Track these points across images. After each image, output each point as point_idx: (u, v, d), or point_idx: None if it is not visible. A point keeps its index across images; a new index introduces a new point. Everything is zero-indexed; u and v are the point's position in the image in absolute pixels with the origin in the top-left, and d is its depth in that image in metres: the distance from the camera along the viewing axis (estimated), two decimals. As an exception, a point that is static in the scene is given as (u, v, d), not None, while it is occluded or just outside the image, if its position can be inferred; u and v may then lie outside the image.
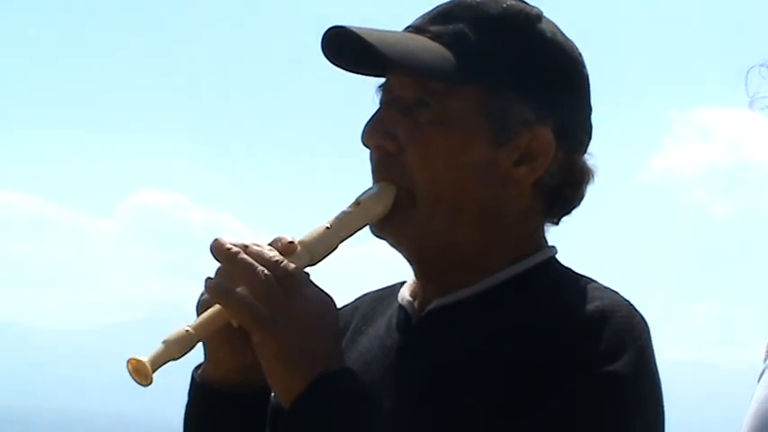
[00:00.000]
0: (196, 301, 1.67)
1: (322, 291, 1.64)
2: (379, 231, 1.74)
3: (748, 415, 1.57)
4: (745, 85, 1.67)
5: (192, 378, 1.76)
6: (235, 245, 1.61)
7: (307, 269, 1.66)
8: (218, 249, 1.61)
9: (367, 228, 1.74)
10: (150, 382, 1.60)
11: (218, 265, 1.64)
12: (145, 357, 1.60)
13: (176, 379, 1.89)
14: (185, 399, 1.79)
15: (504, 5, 1.74)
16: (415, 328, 1.75)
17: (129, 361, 1.61)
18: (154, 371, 1.59)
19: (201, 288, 1.65)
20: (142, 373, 1.59)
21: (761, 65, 1.66)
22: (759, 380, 1.60)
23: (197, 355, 1.71)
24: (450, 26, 1.71)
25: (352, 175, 1.89)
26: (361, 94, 1.81)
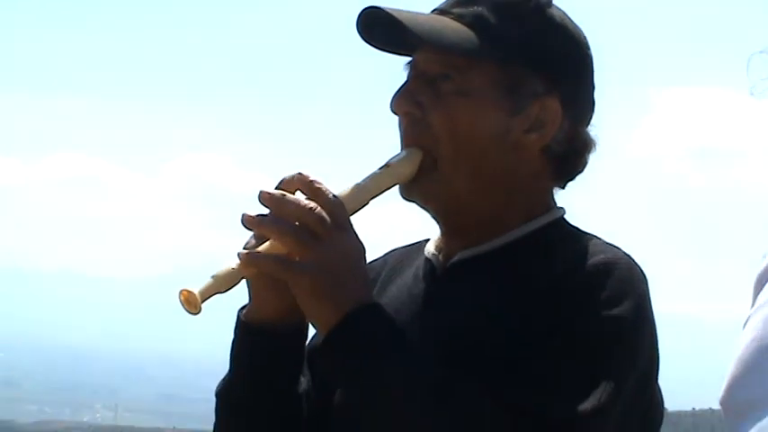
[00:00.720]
0: (242, 247, 1.79)
1: (355, 237, 1.78)
2: (408, 194, 1.91)
3: (732, 360, 1.59)
4: (747, 71, 1.65)
5: (238, 318, 1.90)
6: (276, 193, 1.75)
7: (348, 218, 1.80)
8: (263, 196, 1.73)
9: (395, 189, 1.90)
10: (199, 311, 1.72)
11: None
12: (195, 289, 1.72)
13: (222, 320, 1.96)
14: (231, 337, 1.92)
15: None
16: (440, 278, 1.93)
17: (180, 292, 1.72)
18: (203, 301, 1.71)
19: (241, 240, 1.81)
20: (192, 303, 1.71)
21: (761, 51, 1.65)
22: (744, 326, 1.62)
23: (241, 297, 1.85)
24: (471, 9, 1.88)
25: (382, 142, 2.01)
26: (392, 69, 1.96)
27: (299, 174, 1.76)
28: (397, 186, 1.88)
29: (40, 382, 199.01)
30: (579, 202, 1.91)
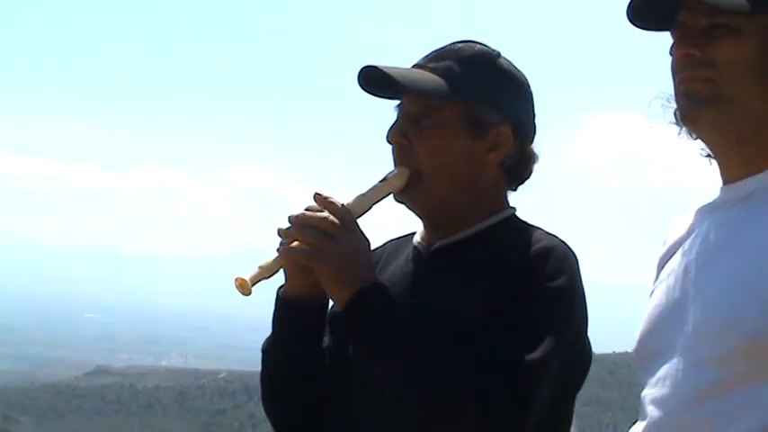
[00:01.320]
0: (278, 245, 1.96)
1: (361, 234, 1.96)
2: (400, 198, 2.06)
3: (641, 320, 1.85)
4: (648, 110, 1.80)
5: (277, 294, 2.07)
6: (300, 212, 1.96)
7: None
8: (296, 215, 1.94)
9: (390, 196, 2.06)
10: (250, 293, 1.94)
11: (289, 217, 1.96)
12: (246, 276, 1.95)
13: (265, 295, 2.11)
14: (272, 308, 2.07)
15: (476, 49, 2.07)
16: (425, 261, 2.08)
17: (236, 279, 1.94)
18: (253, 285, 1.95)
19: (273, 231, 1.96)
20: (245, 287, 1.95)
21: (656, 96, 1.79)
22: (650, 295, 1.85)
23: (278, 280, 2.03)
24: (442, 63, 2.02)
25: (378, 164, 2.10)
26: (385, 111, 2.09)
27: (317, 193, 1.93)
28: (392, 195, 2.06)
29: (130, 336, 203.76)
30: (528, 202, 2.10)
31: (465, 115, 2.02)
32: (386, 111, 2.13)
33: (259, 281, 1.97)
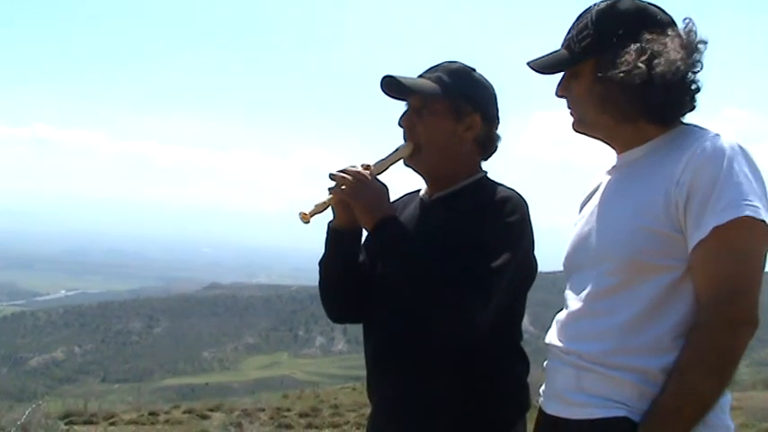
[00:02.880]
0: (328, 189, 1.99)
1: (382, 183, 1.98)
2: (408, 162, 2.06)
3: (568, 243, 1.86)
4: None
5: (327, 226, 2.08)
6: (347, 168, 1.99)
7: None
8: (341, 169, 1.97)
9: (400, 162, 2.07)
10: (308, 222, 1.95)
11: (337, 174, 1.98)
12: (306, 210, 1.96)
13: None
14: (324, 236, 2.11)
15: (458, 65, 2.08)
16: (427, 207, 2.09)
17: (299, 213, 1.95)
18: (311, 216, 1.96)
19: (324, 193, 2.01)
20: (305, 218, 1.96)
21: None
22: (574, 225, 1.87)
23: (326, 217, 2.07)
24: (435, 74, 2.05)
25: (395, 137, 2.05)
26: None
27: (352, 165, 1.98)
28: (402, 160, 2.06)
29: (233, 263, 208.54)
30: (497, 169, 2.06)
31: (450, 107, 2.04)
32: (395, 107, 2.14)
33: (315, 213, 1.99)
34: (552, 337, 1.81)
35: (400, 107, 2.13)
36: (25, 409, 10.97)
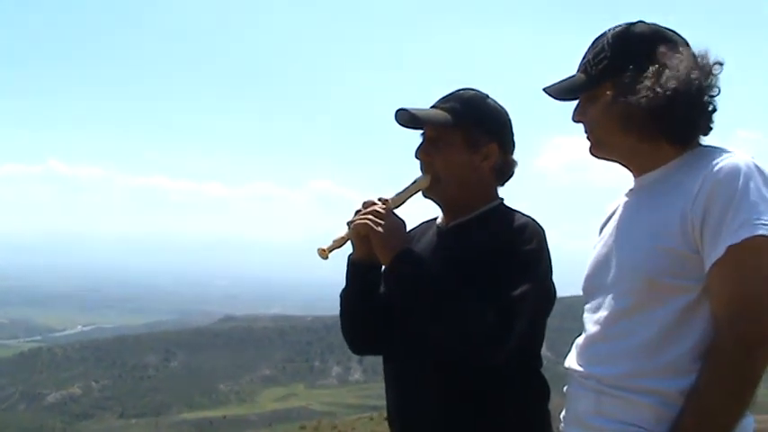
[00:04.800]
0: (346, 223, 2.01)
1: (399, 218, 1.99)
2: (428, 194, 2.07)
3: (586, 266, 1.85)
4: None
5: (348, 259, 2.08)
6: (366, 202, 2.01)
7: (394, 210, 2.01)
8: (363, 204, 2.00)
9: (419, 194, 2.06)
10: (327, 258, 1.99)
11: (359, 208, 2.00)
12: (325, 246, 1.98)
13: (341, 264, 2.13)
14: (345, 269, 2.10)
15: (471, 93, 2.08)
16: (444, 235, 2.08)
17: (318, 248, 1.97)
18: (329, 252, 1.99)
19: (338, 227, 2.03)
20: (324, 254, 1.98)
21: None
22: (594, 248, 1.86)
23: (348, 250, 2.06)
24: (448, 104, 2.04)
25: (412, 170, 2.07)
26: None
27: (370, 199, 2.00)
28: (421, 192, 2.06)
29: (247, 295, 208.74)
30: (513, 193, 2.10)
31: (465, 138, 2.03)
32: (411, 138, 2.15)
33: (333, 249, 2.00)
34: (571, 362, 1.81)
35: (415, 136, 2.14)
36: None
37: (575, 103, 1.83)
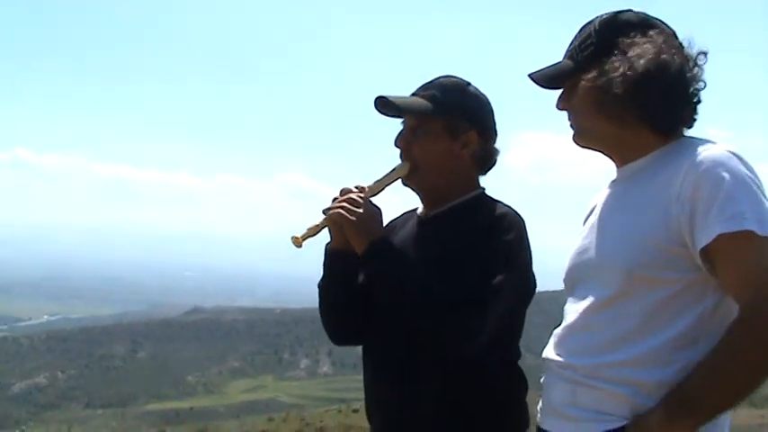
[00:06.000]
0: (322, 211, 1.98)
1: (375, 206, 1.97)
2: (406, 182, 2.04)
3: (567, 259, 1.85)
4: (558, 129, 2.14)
5: (325, 248, 2.05)
6: (343, 189, 1.99)
7: (371, 198, 1.99)
8: (340, 191, 1.98)
9: (398, 181, 2.04)
10: (301, 246, 1.94)
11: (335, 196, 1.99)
12: (299, 234, 1.93)
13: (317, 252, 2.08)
14: (322, 258, 2.06)
15: (452, 81, 2.05)
16: (423, 224, 2.06)
17: (291, 237, 1.92)
18: (303, 240, 1.95)
19: (317, 215, 1.99)
20: (297, 242, 1.94)
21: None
22: (575, 241, 1.84)
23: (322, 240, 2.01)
24: (428, 92, 2.02)
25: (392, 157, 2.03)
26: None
27: (347, 187, 1.99)
28: (401, 180, 2.03)
29: (215, 286, 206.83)
30: (494, 182, 2.06)
31: (444, 125, 2.01)
32: (391, 125, 2.08)
33: (307, 237, 1.97)
34: (549, 352, 1.80)
35: (390, 126, 2.12)
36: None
37: (549, 92, 1.81)
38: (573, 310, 1.75)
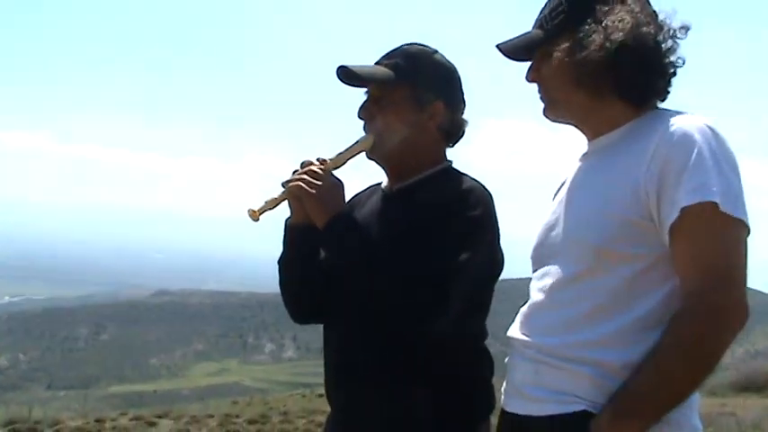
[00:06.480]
0: (281, 184, 1.93)
1: (336, 179, 1.90)
2: (370, 155, 1.97)
3: (534, 236, 1.80)
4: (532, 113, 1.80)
5: (285, 223, 1.99)
6: (303, 162, 1.92)
7: (333, 171, 1.92)
8: (300, 164, 1.92)
9: (362, 154, 1.97)
10: (258, 220, 1.87)
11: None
12: (255, 207, 1.88)
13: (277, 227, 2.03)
14: (282, 234, 2.01)
15: (417, 48, 1.98)
16: (388, 199, 2.00)
17: (248, 210, 1.87)
18: (260, 214, 1.88)
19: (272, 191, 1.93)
20: (254, 215, 1.88)
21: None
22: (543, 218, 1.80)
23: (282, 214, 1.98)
24: (392, 60, 1.95)
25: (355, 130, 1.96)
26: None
27: (307, 159, 1.92)
28: (365, 153, 1.97)
29: (182, 269, 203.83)
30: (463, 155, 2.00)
31: (409, 95, 1.95)
32: (355, 96, 1.96)
33: (265, 210, 1.91)
34: (514, 331, 1.74)
35: (360, 99, 2.03)
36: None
37: (521, 65, 1.76)
38: (538, 287, 1.71)
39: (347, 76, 1.93)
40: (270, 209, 1.92)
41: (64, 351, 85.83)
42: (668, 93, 1.66)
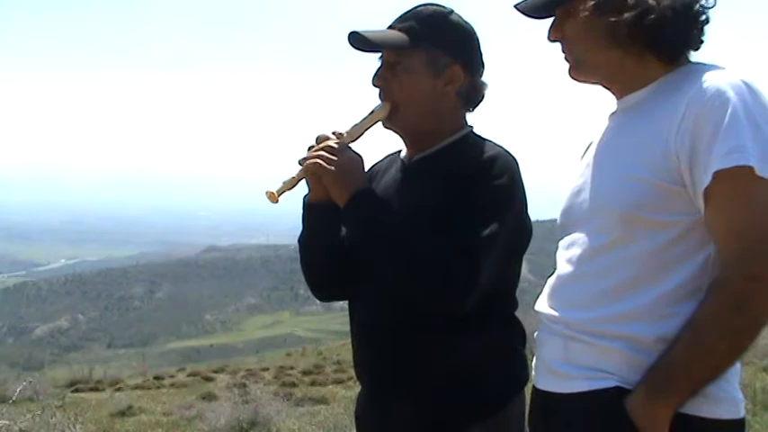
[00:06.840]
0: (298, 162, 1.86)
1: (355, 153, 1.83)
2: (387, 124, 1.90)
3: (561, 201, 1.72)
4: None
5: (303, 201, 1.92)
6: (319, 137, 1.85)
7: (351, 144, 1.85)
8: (316, 139, 1.85)
9: (379, 124, 1.90)
10: (277, 202, 1.81)
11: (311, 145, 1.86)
12: (274, 189, 1.81)
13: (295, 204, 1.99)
14: (301, 212, 1.94)
15: (432, 9, 1.89)
16: (408, 169, 1.93)
17: (266, 192, 1.80)
18: (279, 195, 1.81)
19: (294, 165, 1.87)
20: (273, 198, 1.81)
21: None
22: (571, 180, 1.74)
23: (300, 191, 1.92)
24: (406, 23, 1.87)
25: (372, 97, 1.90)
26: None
27: (323, 134, 1.85)
28: (381, 122, 1.90)
29: (230, 225, 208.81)
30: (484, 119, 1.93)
31: (425, 60, 1.86)
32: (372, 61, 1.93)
33: (284, 191, 1.83)
34: (542, 305, 1.67)
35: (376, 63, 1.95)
36: (33, 377, 11.23)
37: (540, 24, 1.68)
38: (566, 257, 1.64)
39: (359, 42, 1.83)
40: (288, 189, 1.84)
41: (121, 310, 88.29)
42: (702, 42, 1.55)
